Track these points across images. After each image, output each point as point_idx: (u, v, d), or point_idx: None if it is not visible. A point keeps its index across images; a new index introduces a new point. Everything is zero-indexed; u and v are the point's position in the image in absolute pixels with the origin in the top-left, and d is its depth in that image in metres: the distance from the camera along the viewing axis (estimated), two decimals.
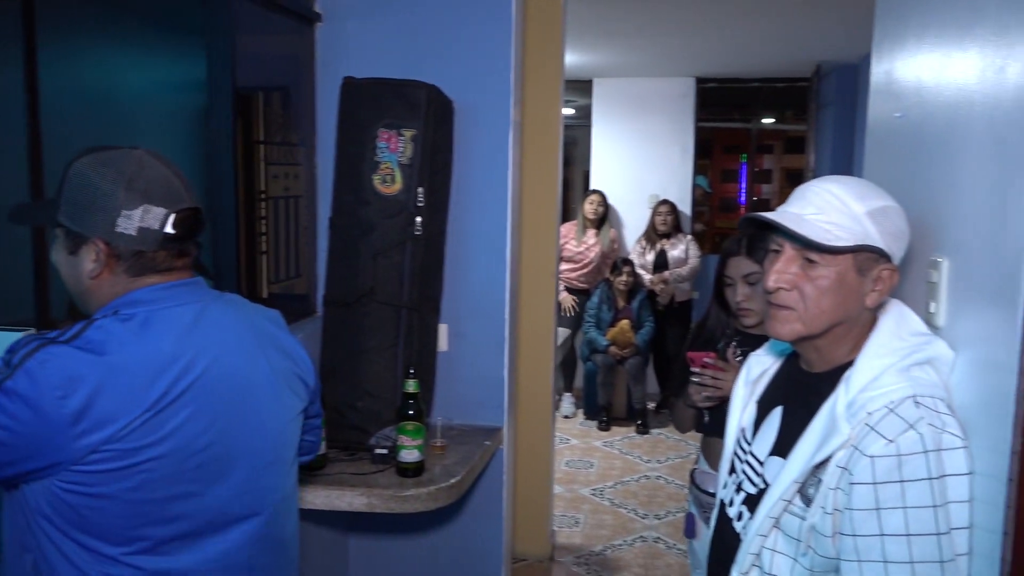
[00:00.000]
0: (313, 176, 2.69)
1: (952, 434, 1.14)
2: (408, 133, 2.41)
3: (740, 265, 2.09)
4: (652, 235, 6.08)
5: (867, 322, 1.29)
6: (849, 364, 1.26)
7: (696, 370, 2.08)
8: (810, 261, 1.25)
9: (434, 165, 2.51)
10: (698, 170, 6.82)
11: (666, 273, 5.98)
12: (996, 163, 1.16)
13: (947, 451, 1.13)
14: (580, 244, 5.95)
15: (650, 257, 6.04)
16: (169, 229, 1.25)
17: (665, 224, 6.02)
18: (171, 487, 1.20)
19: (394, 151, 2.40)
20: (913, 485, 1.11)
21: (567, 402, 6.05)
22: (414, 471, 2.27)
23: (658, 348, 6.05)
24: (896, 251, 1.27)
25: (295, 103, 2.58)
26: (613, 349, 5.67)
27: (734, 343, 2.17)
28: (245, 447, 1.29)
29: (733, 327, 2.21)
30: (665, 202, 6.09)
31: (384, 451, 2.36)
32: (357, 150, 2.44)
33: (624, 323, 5.69)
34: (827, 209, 1.25)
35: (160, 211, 1.24)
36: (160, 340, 1.21)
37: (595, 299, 5.80)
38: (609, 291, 5.78)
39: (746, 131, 9.89)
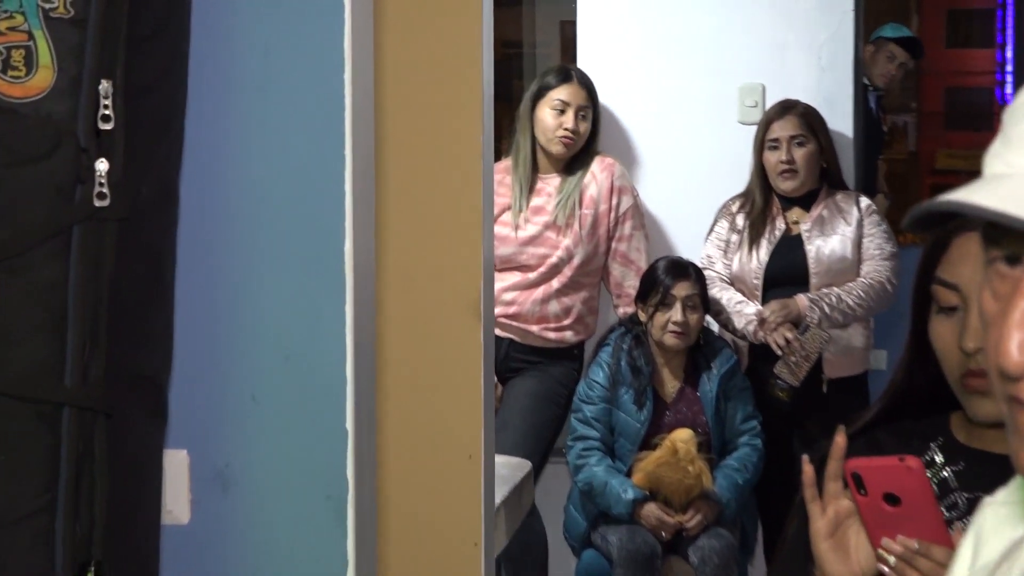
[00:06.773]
0: None
1: None
2: None
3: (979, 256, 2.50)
4: (761, 199, 5.49)
5: None
6: None
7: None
8: None
9: (134, 29, 2.72)
10: (877, 19, 7.11)
11: (802, 298, 5.20)
12: None
13: None
14: (520, 218, 5.51)
15: (756, 263, 5.41)
16: None
17: (791, 167, 5.35)
18: None
19: None
20: None
21: None
22: None
23: (775, 500, 5.32)
24: None
25: None
26: (652, 509, 5.08)
27: (949, 472, 2.42)
28: None
29: (945, 423, 2.52)
30: (793, 106, 5.45)
31: None
32: None
33: (682, 435, 5.11)
34: None
35: None
36: None
37: (602, 368, 5.31)
38: (637, 346, 5.28)
39: None
